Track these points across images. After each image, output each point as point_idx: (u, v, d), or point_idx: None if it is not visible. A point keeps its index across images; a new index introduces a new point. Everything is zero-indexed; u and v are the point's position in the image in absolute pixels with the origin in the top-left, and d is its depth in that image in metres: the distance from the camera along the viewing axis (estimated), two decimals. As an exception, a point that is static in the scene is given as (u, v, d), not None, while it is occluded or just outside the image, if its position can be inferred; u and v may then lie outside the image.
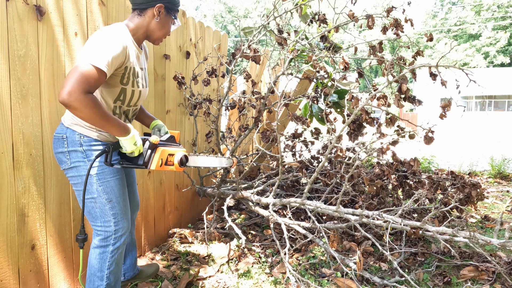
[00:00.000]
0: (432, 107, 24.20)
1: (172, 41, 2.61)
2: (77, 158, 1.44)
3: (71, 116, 1.46)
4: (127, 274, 1.95)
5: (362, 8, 3.10)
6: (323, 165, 2.07)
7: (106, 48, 1.31)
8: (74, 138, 1.44)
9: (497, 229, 1.90)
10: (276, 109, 2.10)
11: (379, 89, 2.00)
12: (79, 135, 1.44)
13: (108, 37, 1.34)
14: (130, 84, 1.49)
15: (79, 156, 1.44)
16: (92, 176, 1.45)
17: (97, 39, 1.33)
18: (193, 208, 3.15)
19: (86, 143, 1.45)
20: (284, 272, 2.20)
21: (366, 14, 2.28)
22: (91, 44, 1.33)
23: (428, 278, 2.15)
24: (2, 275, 1.51)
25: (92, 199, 1.47)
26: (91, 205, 1.48)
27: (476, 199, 2.64)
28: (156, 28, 1.53)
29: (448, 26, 36.84)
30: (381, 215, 1.89)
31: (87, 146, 1.45)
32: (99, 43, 1.32)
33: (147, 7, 1.48)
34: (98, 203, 1.48)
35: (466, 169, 5.54)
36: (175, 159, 1.53)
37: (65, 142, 1.44)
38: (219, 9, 40.44)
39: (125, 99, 1.51)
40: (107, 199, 1.48)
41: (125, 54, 1.39)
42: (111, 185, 1.49)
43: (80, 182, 1.47)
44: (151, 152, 1.46)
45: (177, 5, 1.57)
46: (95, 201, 1.47)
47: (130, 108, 1.58)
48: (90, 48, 1.31)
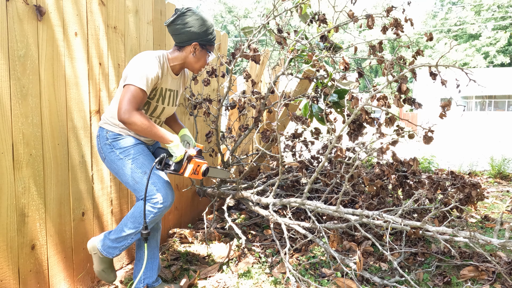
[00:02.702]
0: (432, 107, 24.21)
1: (172, 41, 2.61)
2: (107, 150, 1.71)
3: (105, 117, 1.74)
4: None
5: (362, 8, 3.09)
6: (323, 165, 2.07)
7: (145, 71, 1.60)
8: (103, 135, 1.73)
9: (497, 229, 1.90)
10: (276, 109, 2.10)
11: (379, 89, 2.00)
12: (106, 131, 1.72)
13: (147, 62, 1.63)
14: (155, 100, 1.76)
15: (108, 148, 1.71)
16: (121, 159, 1.70)
17: (140, 63, 1.63)
18: (193, 208, 3.15)
19: (111, 137, 1.71)
20: (284, 272, 2.20)
21: (366, 14, 2.28)
22: (133, 66, 1.62)
23: (428, 278, 2.15)
24: (2, 275, 1.51)
25: (130, 177, 1.69)
26: (132, 182, 1.69)
27: (476, 199, 2.64)
28: (193, 61, 1.81)
29: (448, 26, 36.84)
30: (381, 215, 1.89)
31: (112, 139, 1.71)
32: (138, 66, 1.61)
33: (185, 45, 1.76)
34: (136, 178, 1.68)
35: (466, 169, 5.54)
36: (200, 170, 1.79)
37: (99, 140, 1.74)
38: (219, 9, 40.44)
39: (148, 110, 1.78)
40: (142, 172, 1.69)
41: (158, 77, 1.68)
42: (141, 161, 1.71)
43: (116, 168, 1.71)
44: (188, 162, 1.72)
45: (211, 42, 1.81)
46: (133, 177, 1.69)
47: (152, 118, 1.82)
48: (132, 71, 1.61)
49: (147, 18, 2.31)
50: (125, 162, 1.69)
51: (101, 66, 1.96)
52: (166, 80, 1.76)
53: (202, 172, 1.79)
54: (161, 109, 1.82)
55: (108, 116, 1.74)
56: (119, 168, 1.70)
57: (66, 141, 1.78)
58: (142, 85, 1.58)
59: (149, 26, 2.33)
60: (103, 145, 1.72)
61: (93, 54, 1.90)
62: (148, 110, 1.77)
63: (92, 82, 1.91)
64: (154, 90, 1.72)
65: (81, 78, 1.84)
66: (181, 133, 1.99)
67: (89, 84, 1.89)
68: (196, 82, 2.82)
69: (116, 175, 1.74)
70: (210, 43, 1.81)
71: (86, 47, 1.86)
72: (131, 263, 2.32)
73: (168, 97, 1.83)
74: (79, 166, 1.87)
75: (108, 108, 1.77)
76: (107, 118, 1.74)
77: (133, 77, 1.58)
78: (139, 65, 1.62)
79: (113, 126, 1.73)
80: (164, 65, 1.74)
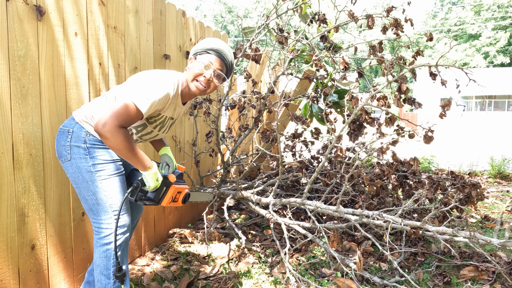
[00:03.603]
0: (432, 107, 24.21)
1: (172, 41, 2.61)
2: (79, 154, 1.46)
3: (85, 114, 1.49)
4: None
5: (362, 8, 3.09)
6: (323, 165, 2.07)
7: (153, 93, 1.39)
8: (80, 134, 1.46)
9: (497, 229, 1.90)
10: (276, 109, 2.10)
11: (379, 89, 2.00)
12: (86, 133, 1.47)
13: (162, 87, 1.42)
14: (153, 126, 1.58)
15: (81, 152, 1.46)
16: (92, 172, 1.46)
17: (150, 80, 1.42)
18: (193, 208, 3.15)
19: (90, 141, 1.47)
20: (284, 272, 2.20)
21: (366, 14, 2.28)
22: (142, 81, 1.42)
23: (428, 278, 2.15)
24: (2, 275, 1.51)
25: (93, 195, 1.47)
26: (92, 202, 1.48)
27: (476, 199, 2.64)
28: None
29: (448, 26, 36.84)
30: (381, 215, 1.89)
31: (91, 144, 1.47)
32: (149, 85, 1.40)
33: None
34: (99, 199, 1.47)
35: (466, 169, 5.54)
36: (180, 197, 1.64)
37: (69, 136, 1.46)
38: (219, 9, 40.44)
39: (141, 131, 1.59)
40: (108, 196, 1.48)
41: (164, 106, 1.49)
42: (111, 182, 1.49)
43: (80, 179, 1.47)
44: (166, 189, 1.55)
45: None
46: (96, 197, 1.47)
47: (138, 139, 1.64)
48: (139, 86, 1.40)
49: (147, 18, 2.31)
50: (94, 177, 1.45)
51: (101, 66, 1.96)
52: (171, 109, 1.59)
53: (182, 200, 1.64)
54: (154, 134, 1.65)
55: (90, 116, 1.49)
56: (84, 180, 1.46)
57: (66, 141, 1.78)
58: (143, 107, 1.37)
59: (149, 26, 2.33)
60: (74, 145, 1.46)
61: (93, 54, 1.90)
62: (141, 131, 1.59)
63: (92, 82, 1.91)
64: (156, 116, 1.55)
65: (81, 78, 1.84)
66: (162, 151, 1.79)
67: (89, 84, 1.89)
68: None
69: (75, 185, 1.49)
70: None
71: (86, 47, 1.86)
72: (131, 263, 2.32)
73: (166, 125, 1.66)
74: (79, 166, 1.87)
75: (93, 107, 1.51)
76: (90, 118, 1.48)
77: (138, 94, 1.37)
78: (152, 85, 1.42)
79: None
80: (177, 93, 1.55)
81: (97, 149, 1.48)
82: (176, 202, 1.63)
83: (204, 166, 3.27)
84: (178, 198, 1.62)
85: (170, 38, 2.59)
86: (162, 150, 1.80)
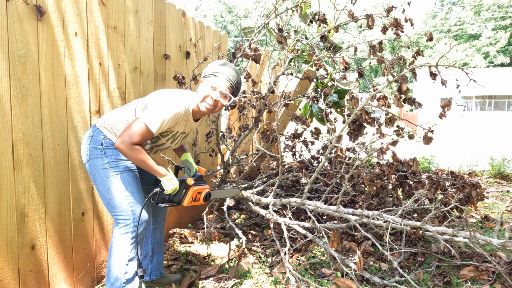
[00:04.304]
0: (432, 107, 24.19)
1: (172, 41, 2.61)
2: (96, 154, 1.63)
3: (105, 121, 1.67)
4: (153, 273, 2.00)
5: (362, 8, 3.10)
6: (323, 165, 2.07)
7: (163, 114, 1.56)
8: (98, 138, 1.64)
9: (497, 229, 1.90)
10: (276, 109, 2.10)
11: (379, 89, 2.00)
12: (103, 136, 1.64)
13: (172, 108, 1.59)
14: (166, 139, 1.75)
15: (98, 153, 1.63)
16: (107, 169, 1.62)
17: (163, 101, 1.60)
18: (193, 208, 3.15)
19: (106, 143, 1.64)
20: (284, 272, 2.20)
21: (366, 14, 2.28)
22: (157, 102, 1.60)
23: (428, 278, 2.15)
24: (2, 275, 1.51)
25: (108, 190, 1.62)
26: (109, 197, 1.62)
27: (476, 199, 2.64)
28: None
29: (448, 26, 36.84)
30: (381, 215, 1.89)
31: (107, 145, 1.64)
32: (162, 106, 1.58)
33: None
34: (114, 193, 1.61)
35: (466, 169, 5.54)
36: (201, 196, 1.80)
37: (89, 140, 1.65)
38: (219, 9, 40.44)
39: (154, 142, 1.76)
40: (122, 189, 1.62)
41: (175, 122, 1.64)
42: (125, 177, 1.65)
43: (97, 176, 1.63)
44: (186, 191, 1.72)
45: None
46: (111, 191, 1.61)
47: (153, 147, 1.80)
48: (153, 107, 1.58)
49: (147, 18, 2.31)
50: (108, 173, 1.62)
51: (101, 66, 1.96)
52: (182, 125, 1.72)
53: (203, 198, 1.79)
54: (167, 146, 1.82)
55: (110, 124, 1.67)
56: (100, 177, 1.62)
57: (66, 141, 1.78)
58: (153, 127, 1.55)
59: (149, 26, 2.33)
60: (92, 147, 1.64)
61: (93, 54, 1.90)
62: (154, 143, 1.76)
63: (92, 82, 1.91)
64: (168, 131, 1.70)
65: (81, 78, 1.84)
66: (183, 157, 1.97)
67: (89, 84, 1.89)
68: (196, 82, 2.82)
69: (94, 183, 1.66)
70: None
71: (86, 47, 1.86)
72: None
73: (178, 138, 1.81)
74: (79, 166, 1.87)
75: (112, 115, 1.70)
76: (109, 125, 1.66)
77: (150, 116, 1.55)
78: (164, 106, 1.58)
79: (113, 135, 1.67)
80: (187, 112, 1.69)
81: (111, 149, 1.65)
82: (198, 201, 1.78)
83: (204, 166, 3.27)
84: (199, 197, 1.78)
85: (170, 38, 2.59)
86: (183, 156, 1.98)
